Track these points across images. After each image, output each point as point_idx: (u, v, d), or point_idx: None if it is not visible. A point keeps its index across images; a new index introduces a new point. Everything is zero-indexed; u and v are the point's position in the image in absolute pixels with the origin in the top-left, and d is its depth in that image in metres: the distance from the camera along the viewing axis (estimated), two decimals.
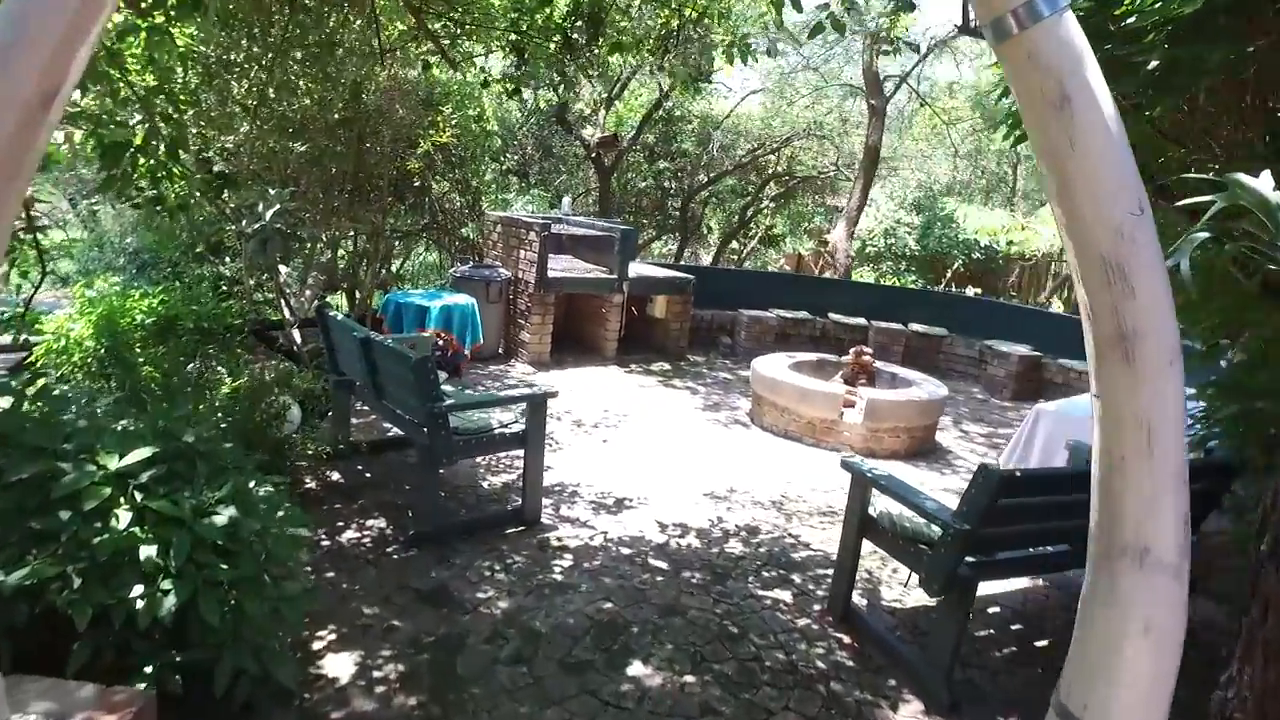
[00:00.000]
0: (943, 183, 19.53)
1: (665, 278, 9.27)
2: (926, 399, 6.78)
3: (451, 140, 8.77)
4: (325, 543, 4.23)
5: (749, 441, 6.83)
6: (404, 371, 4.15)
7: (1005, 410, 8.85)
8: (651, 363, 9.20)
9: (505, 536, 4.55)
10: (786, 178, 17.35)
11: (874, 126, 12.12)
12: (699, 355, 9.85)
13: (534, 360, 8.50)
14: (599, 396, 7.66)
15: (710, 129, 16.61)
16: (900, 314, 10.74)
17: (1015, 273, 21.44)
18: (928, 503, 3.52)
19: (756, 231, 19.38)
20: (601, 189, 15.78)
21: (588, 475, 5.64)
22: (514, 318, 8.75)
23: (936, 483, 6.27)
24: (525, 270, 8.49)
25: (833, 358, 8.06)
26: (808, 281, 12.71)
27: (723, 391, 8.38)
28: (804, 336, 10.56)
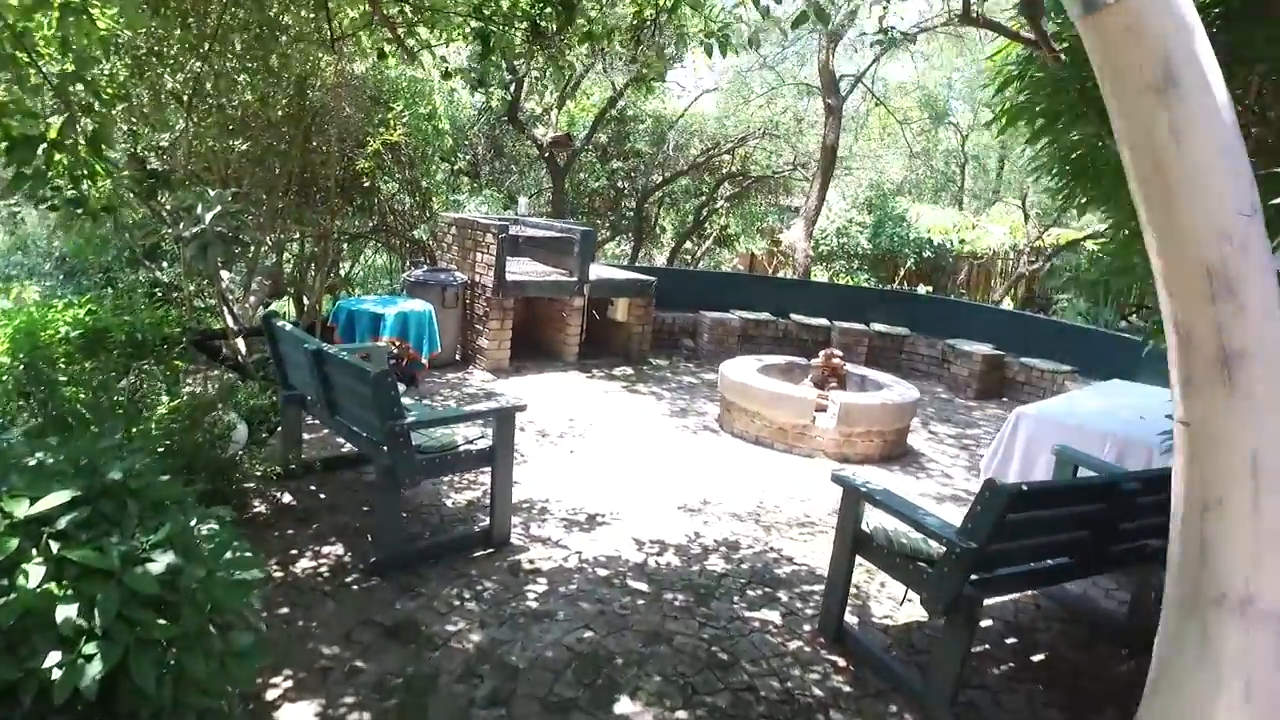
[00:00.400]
0: (894, 182, 19.61)
1: (626, 280, 9.00)
2: (899, 402, 6.62)
3: (402, 139, 8.38)
4: (277, 574, 3.87)
5: (719, 449, 6.60)
6: (361, 387, 3.82)
7: (970, 410, 8.77)
8: (614, 367, 8.93)
9: (474, 560, 4.24)
10: (741, 177, 17.21)
11: (830, 126, 12.02)
12: (661, 359, 9.61)
13: (493, 367, 8.17)
14: (562, 404, 7.36)
15: (665, 129, 16.39)
16: (861, 314, 10.63)
17: (964, 271, 21.70)
18: (928, 519, 3.31)
19: (711, 231, 19.22)
20: (555, 189, 15.47)
21: (557, 489, 5.34)
22: (471, 323, 8.40)
23: (913, 487, 6.11)
24: (482, 274, 8.15)
25: (801, 360, 7.87)
26: (768, 282, 12.56)
27: (688, 396, 8.14)
28: (766, 338, 10.39)
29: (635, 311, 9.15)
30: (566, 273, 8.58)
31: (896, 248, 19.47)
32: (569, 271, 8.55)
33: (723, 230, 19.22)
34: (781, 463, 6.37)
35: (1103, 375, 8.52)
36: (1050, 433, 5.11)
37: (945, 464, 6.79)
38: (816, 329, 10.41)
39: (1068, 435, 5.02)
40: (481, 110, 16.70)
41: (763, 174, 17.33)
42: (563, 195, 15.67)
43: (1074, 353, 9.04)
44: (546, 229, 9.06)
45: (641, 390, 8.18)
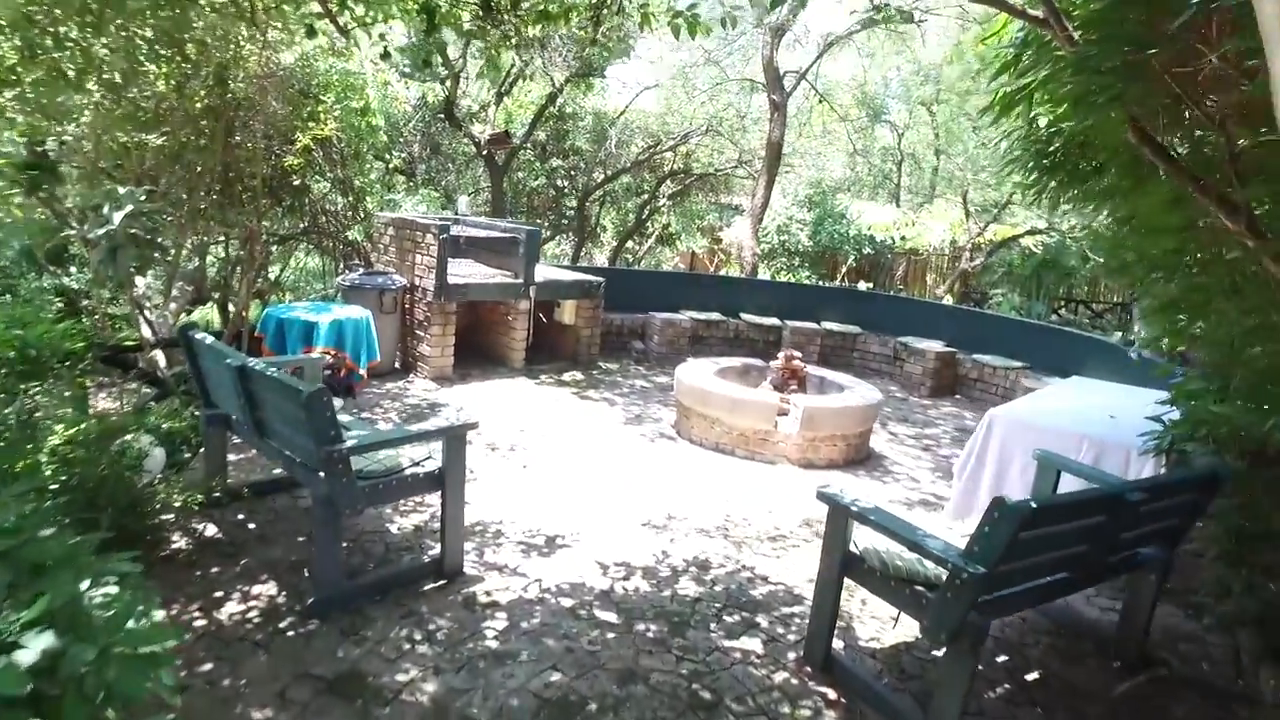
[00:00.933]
0: (834, 179, 19.60)
1: (574, 281, 8.61)
2: (863, 405, 6.38)
3: (333, 134, 7.84)
4: (199, 622, 3.39)
5: (679, 457, 6.27)
6: (293, 407, 3.37)
7: (926, 409, 8.61)
8: (563, 372, 8.53)
9: (424, 594, 3.82)
10: (683, 175, 16.95)
11: (776, 122, 11.80)
12: (611, 362, 9.24)
13: (436, 375, 7.69)
14: (511, 413, 6.94)
15: (606, 125, 16.02)
16: (812, 312, 10.43)
17: (902, 267, 21.85)
18: (929, 541, 3.02)
19: (653, 230, 18.94)
20: (494, 188, 14.99)
21: (511, 509, 4.93)
22: (412, 329, 7.90)
23: (880, 493, 5.87)
24: (422, 277, 7.66)
25: (758, 362, 7.59)
26: (716, 281, 12.29)
27: (642, 401, 7.79)
28: (717, 338, 10.11)
29: (583, 314, 8.77)
30: (511, 274, 8.15)
31: (836, 245, 19.49)
32: (514, 273, 8.12)
33: (664, 229, 18.96)
34: (744, 471, 6.07)
35: (1051, 370, 8.46)
36: (1024, 435, 4.90)
37: (909, 466, 6.57)
38: (768, 329, 10.17)
39: (1042, 438, 4.81)
40: (417, 107, 16.13)
41: (705, 172, 17.10)
42: (502, 194, 15.21)
43: (1023, 348, 8.96)
44: (489, 229, 8.61)
45: (593, 396, 7.80)
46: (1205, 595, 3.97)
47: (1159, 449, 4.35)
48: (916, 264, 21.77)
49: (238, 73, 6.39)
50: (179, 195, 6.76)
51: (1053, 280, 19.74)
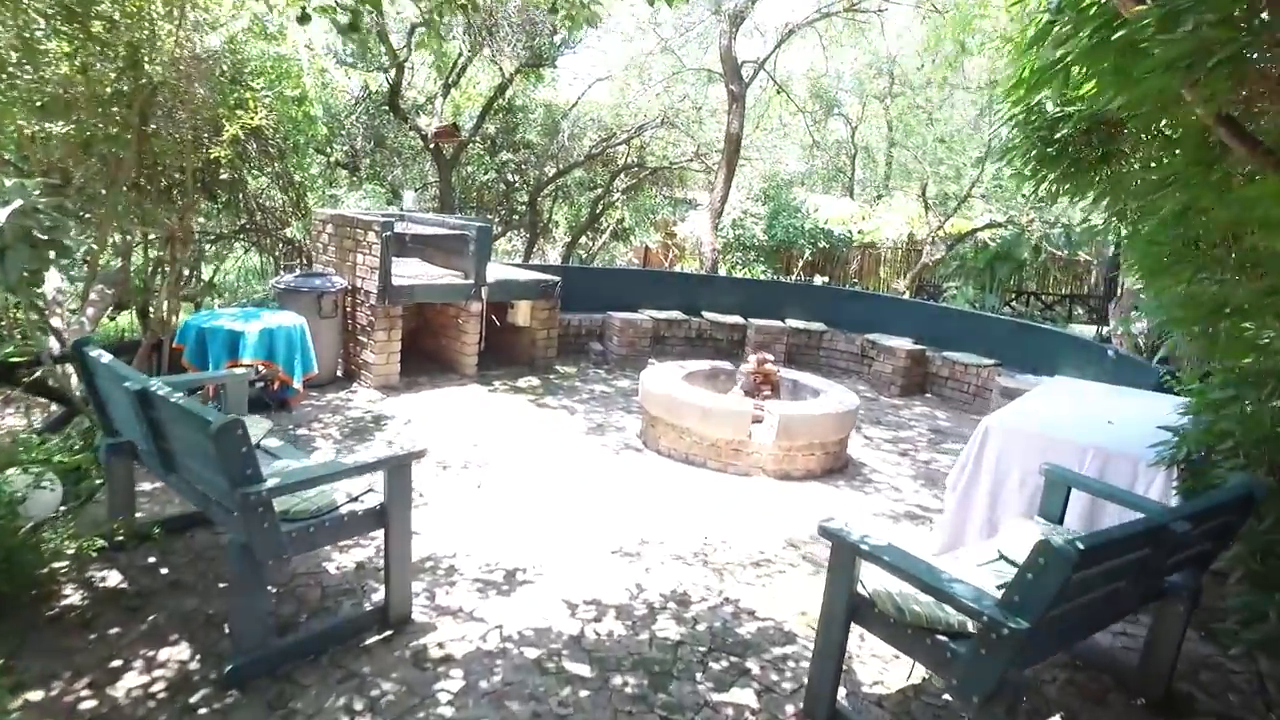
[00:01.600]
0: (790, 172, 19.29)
1: (529, 281, 8.06)
2: (841, 411, 5.97)
3: (265, 123, 7.17)
4: (87, 703, 2.81)
5: (647, 471, 5.78)
6: (202, 440, 2.80)
7: (898, 409, 8.26)
8: (518, 378, 7.98)
9: (367, 650, 3.28)
10: (637, 169, 16.45)
11: (735, 113, 11.37)
12: (569, 366, 8.71)
13: (381, 384, 7.09)
14: (464, 426, 6.39)
15: (557, 118, 15.45)
16: (775, 309, 10.03)
17: (856, 261, 21.66)
18: (957, 588, 2.58)
19: (607, 226, 18.42)
20: (441, 183, 14.33)
21: (465, 538, 4.40)
22: (354, 334, 7.28)
23: (863, 505, 5.46)
24: (365, 278, 7.05)
25: (727, 366, 7.14)
26: (676, 278, 11.81)
27: (604, 409, 7.29)
28: (679, 338, 9.65)
29: (539, 315, 8.22)
30: (461, 274, 7.57)
31: (792, 239, 19.21)
32: (464, 273, 7.55)
33: (619, 224, 18.46)
34: (718, 485, 5.61)
35: (1023, 368, 8.17)
36: (1022, 446, 4.52)
37: (890, 474, 6.18)
38: (731, 327, 9.74)
39: (1042, 448, 4.44)
40: (360, 98, 15.39)
41: (660, 165, 16.63)
42: (450, 189, 14.56)
43: (993, 345, 8.67)
44: (437, 226, 8.01)
45: (551, 404, 7.27)
46: (1234, 622, 3.62)
47: (1172, 461, 3.99)
48: (870, 258, 21.63)
49: (153, 54, 5.71)
50: (98, 190, 6.08)
51: (1006, 273, 19.76)
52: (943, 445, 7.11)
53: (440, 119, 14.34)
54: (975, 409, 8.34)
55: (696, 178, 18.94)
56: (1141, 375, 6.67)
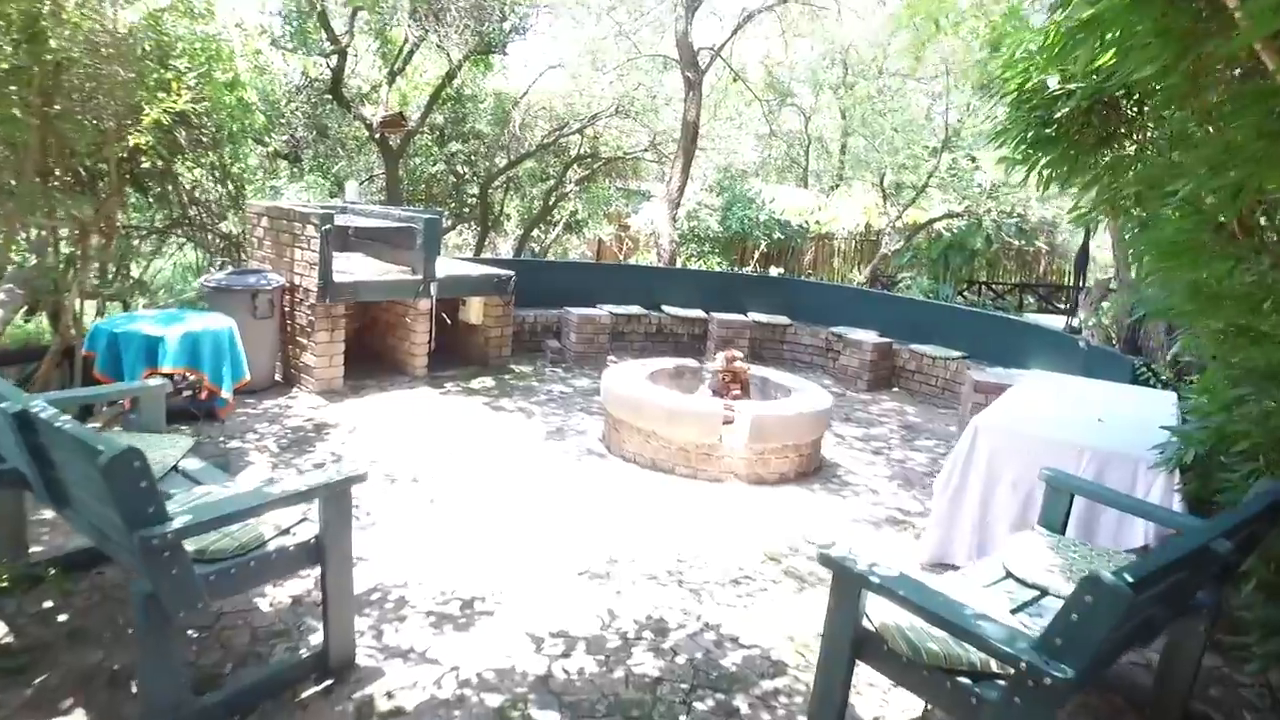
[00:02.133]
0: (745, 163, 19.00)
1: (481, 276, 7.58)
2: (816, 410, 5.63)
3: (190, 108, 6.57)
4: None
5: (611, 479, 5.38)
6: (92, 472, 2.32)
7: (866, 404, 7.98)
8: (471, 379, 7.50)
9: (304, 706, 2.83)
10: (591, 159, 16.00)
11: (691, 101, 10.99)
12: (525, 364, 8.25)
13: (324, 389, 6.57)
14: (414, 433, 5.92)
15: (508, 107, 14.93)
16: (737, 302, 9.69)
17: (811, 252, 21.50)
18: (987, 628, 2.24)
19: (560, 218, 17.93)
20: (388, 175, 13.73)
21: (417, 563, 3.96)
22: (294, 336, 6.74)
23: (841, 510, 5.13)
24: (304, 274, 6.52)
25: (692, 364, 6.77)
26: (634, 272, 11.40)
27: (563, 410, 6.87)
28: (639, 334, 9.25)
29: (492, 312, 7.75)
30: (409, 270, 7.08)
31: (747, 230, 18.95)
32: (411, 268, 7.05)
33: (571, 216, 18.00)
34: (689, 493, 5.24)
35: (991, 359, 7.95)
36: (1014, 448, 4.23)
37: (865, 475, 5.88)
38: (693, 322, 9.38)
39: (1035, 450, 4.15)
40: (301, 86, 14.70)
41: (614, 155, 16.20)
42: (397, 181, 13.97)
43: (960, 337, 8.45)
44: (383, 218, 7.49)
45: (507, 406, 6.83)
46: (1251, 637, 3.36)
47: (1177, 463, 3.73)
48: (825, 248, 21.48)
49: (56, 27, 5.12)
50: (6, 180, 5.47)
51: (959, 263, 19.76)
52: (916, 442, 6.84)
53: (385, 108, 13.71)
54: (945, 403, 8.11)
55: (650, 169, 18.55)
56: (1116, 367, 6.47)
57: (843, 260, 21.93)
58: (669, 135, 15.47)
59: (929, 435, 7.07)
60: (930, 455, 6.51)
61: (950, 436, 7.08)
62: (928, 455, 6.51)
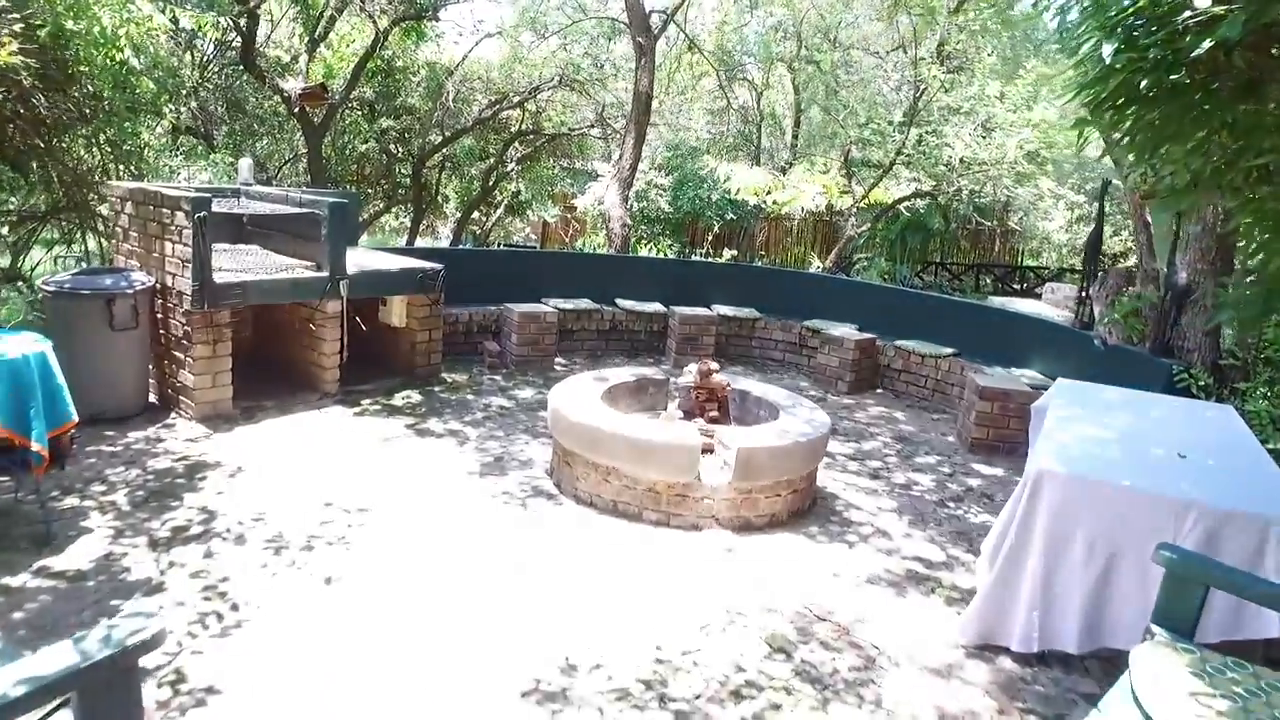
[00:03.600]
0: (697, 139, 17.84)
1: (401, 271, 6.30)
2: (813, 436, 4.55)
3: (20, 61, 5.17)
4: None
5: (565, 534, 4.23)
6: None
7: (851, 410, 6.94)
8: (394, 393, 6.25)
9: None
10: (533, 135, 14.68)
11: (643, 69, 9.78)
12: (459, 372, 7.00)
13: (207, 414, 5.27)
14: (316, 472, 4.68)
15: (442, 77, 13.51)
16: (699, 294, 8.56)
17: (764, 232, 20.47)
18: None
19: (501, 199, 16.58)
20: (310, 153, 12.24)
21: (301, 691, 2.76)
22: (169, 349, 5.42)
23: (849, 564, 4.07)
24: (176, 273, 5.19)
25: (657, 374, 5.63)
26: (582, 261, 10.14)
27: (503, 432, 5.68)
28: (590, 332, 8.07)
29: (417, 312, 6.49)
30: (313, 265, 5.78)
31: (699, 210, 17.86)
32: (317, 263, 5.76)
33: (514, 197, 16.66)
34: (661, 548, 4.12)
35: (986, 357, 6.99)
36: (1086, 499, 3.20)
37: (869, 509, 4.84)
38: (651, 317, 8.22)
39: (1118, 505, 3.14)
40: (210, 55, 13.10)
41: (558, 131, 14.88)
42: (321, 160, 12.50)
43: (947, 330, 7.46)
44: (281, 202, 6.15)
45: (436, 429, 5.61)
46: None
47: None
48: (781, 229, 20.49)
49: None
50: None
51: (917, 243, 18.93)
52: (916, 459, 5.83)
53: (305, 79, 12.15)
54: (936, 406, 7.13)
55: (596, 146, 17.28)
56: (1145, 371, 5.54)
57: (796, 241, 20.99)
58: (619, 109, 14.25)
59: (928, 449, 6.07)
60: (936, 477, 5.51)
61: (950, 450, 6.09)
62: (933, 477, 5.51)
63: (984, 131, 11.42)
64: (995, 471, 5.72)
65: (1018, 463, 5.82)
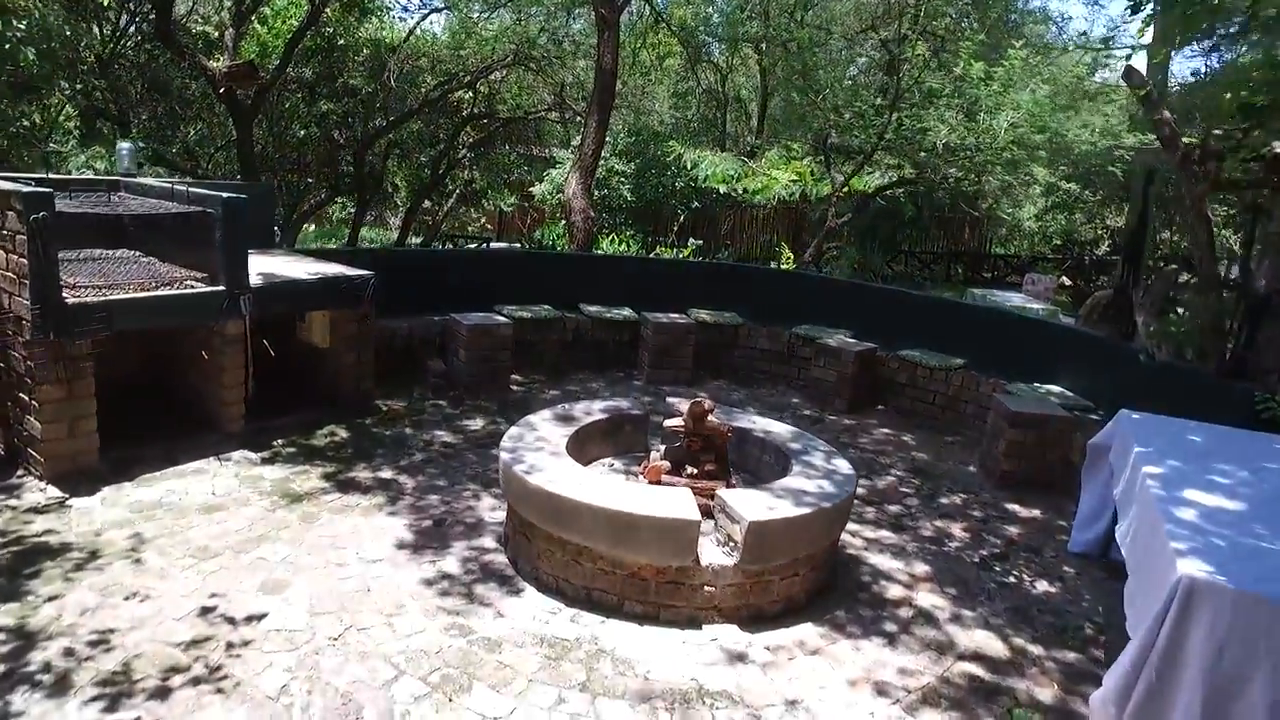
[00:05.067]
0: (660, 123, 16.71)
1: (324, 280, 5.10)
2: (838, 499, 3.51)
3: None
4: None
5: (521, 641, 3.14)
6: None
7: (854, 434, 5.93)
8: (315, 429, 5.07)
9: None
10: (486, 119, 13.43)
11: (606, 44, 8.62)
12: (397, 397, 5.83)
13: (64, 471, 4.06)
14: (197, 557, 3.53)
15: (385, 54, 12.19)
16: (673, 296, 7.47)
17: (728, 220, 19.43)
18: None
19: (454, 188, 15.30)
20: (240, 139, 10.86)
21: None
22: (11, 390, 4.19)
23: (893, 674, 3.05)
24: (11, 293, 3.96)
25: (634, 409, 4.54)
26: (543, 261, 8.89)
27: (446, 479, 4.56)
28: (552, 344, 6.94)
29: (344, 330, 5.31)
30: (205, 276, 4.57)
31: (663, 199, 16.76)
32: (210, 273, 4.55)
33: (467, 186, 15.39)
34: (650, 659, 3.06)
35: (1000, 369, 6.05)
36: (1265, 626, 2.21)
37: (902, 580, 3.83)
38: (620, 325, 7.11)
39: None
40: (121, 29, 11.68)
41: (513, 115, 13.64)
42: (251, 147, 11.12)
43: (951, 338, 6.49)
44: (165, 198, 4.91)
45: (363, 480, 4.46)
46: None
47: None
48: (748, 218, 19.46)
49: None
50: None
51: (889, 232, 18.02)
52: (939, 500, 4.85)
53: (232, 56, 10.73)
54: (948, 427, 6.15)
55: (554, 131, 16.05)
56: (1212, 398, 4.59)
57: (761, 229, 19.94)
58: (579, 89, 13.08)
59: (950, 484, 5.09)
60: (967, 524, 4.53)
61: (975, 484, 5.12)
62: (964, 525, 4.52)
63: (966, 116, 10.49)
64: (1033, 514, 4.76)
65: (1057, 502, 4.87)
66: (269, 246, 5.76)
